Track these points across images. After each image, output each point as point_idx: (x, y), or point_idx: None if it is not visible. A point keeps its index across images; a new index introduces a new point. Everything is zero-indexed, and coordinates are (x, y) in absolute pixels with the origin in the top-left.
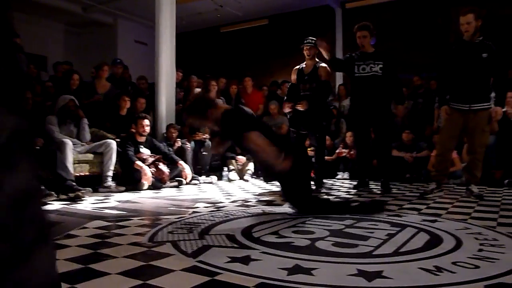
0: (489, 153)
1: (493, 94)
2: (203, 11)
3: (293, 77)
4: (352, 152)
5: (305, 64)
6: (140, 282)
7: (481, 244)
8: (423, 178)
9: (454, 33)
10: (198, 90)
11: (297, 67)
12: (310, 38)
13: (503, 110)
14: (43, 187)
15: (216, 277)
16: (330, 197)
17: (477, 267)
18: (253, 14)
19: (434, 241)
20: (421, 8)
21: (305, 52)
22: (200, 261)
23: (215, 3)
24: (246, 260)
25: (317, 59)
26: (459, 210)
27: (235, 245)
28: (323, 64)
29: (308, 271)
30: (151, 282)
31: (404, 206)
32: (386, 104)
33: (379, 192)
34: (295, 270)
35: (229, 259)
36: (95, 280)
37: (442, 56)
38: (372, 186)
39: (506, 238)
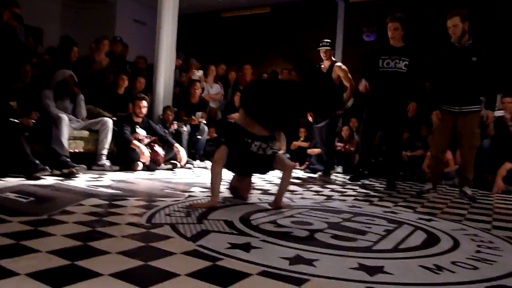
0: (482, 157)
1: (483, 98)
2: None
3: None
4: (347, 146)
5: (322, 65)
6: (142, 263)
7: (478, 246)
8: (416, 177)
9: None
10: (199, 72)
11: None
12: (325, 40)
13: (500, 114)
14: (37, 162)
15: (218, 263)
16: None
17: (476, 268)
18: (256, 1)
19: (432, 240)
20: (424, 7)
21: (321, 54)
22: (201, 246)
23: None
24: (246, 247)
25: (333, 59)
26: (454, 211)
27: (234, 232)
28: (339, 64)
29: (309, 262)
30: (152, 263)
31: (399, 204)
32: (403, 104)
33: (383, 188)
34: (297, 260)
35: (230, 245)
36: (95, 258)
37: (433, 60)
38: (372, 182)
39: (501, 241)
